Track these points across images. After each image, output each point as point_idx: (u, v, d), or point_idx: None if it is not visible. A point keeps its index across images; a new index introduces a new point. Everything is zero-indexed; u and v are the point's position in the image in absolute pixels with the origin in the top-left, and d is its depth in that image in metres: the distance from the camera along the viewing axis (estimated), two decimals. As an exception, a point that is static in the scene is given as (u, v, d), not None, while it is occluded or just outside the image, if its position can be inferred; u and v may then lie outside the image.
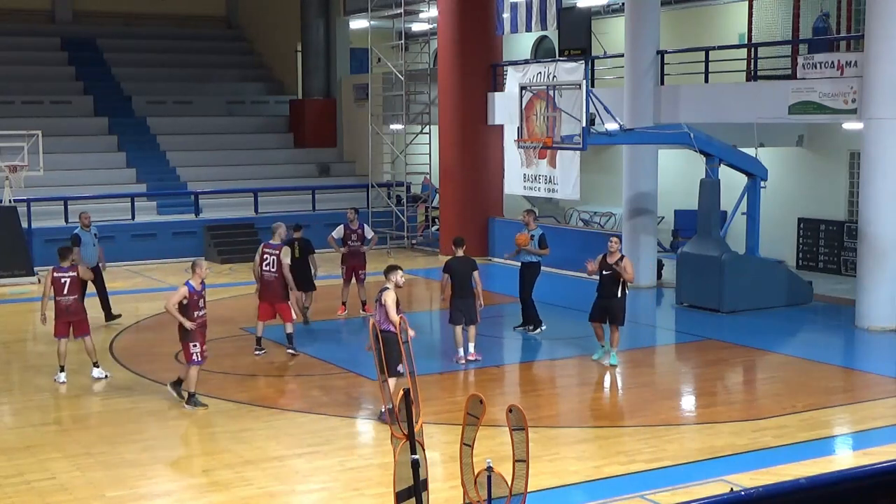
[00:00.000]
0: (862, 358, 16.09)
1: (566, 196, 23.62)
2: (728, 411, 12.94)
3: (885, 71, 16.64)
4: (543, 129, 18.35)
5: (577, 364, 15.33)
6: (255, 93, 33.88)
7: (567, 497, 10.12)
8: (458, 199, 25.42)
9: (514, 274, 17.64)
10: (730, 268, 18.52)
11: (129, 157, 28.66)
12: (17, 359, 16.50)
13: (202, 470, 10.76)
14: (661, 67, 20.99)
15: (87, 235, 18.05)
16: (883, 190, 16.92)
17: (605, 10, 25.98)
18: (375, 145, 29.05)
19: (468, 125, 25.33)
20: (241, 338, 16.96)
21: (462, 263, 15.02)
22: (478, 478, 7.24)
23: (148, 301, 20.53)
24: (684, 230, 22.85)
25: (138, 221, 25.83)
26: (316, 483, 10.48)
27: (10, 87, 29.73)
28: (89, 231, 18.11)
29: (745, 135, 19.39)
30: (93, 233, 18.20)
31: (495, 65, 25.73)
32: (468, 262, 15.09)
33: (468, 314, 14.89)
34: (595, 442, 11.74)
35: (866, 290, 17.12)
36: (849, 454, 11.54)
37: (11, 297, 21.06)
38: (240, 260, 24.68)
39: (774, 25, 21.32)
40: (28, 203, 24.16)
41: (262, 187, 27.77)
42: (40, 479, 10.52)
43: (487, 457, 7.40)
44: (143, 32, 34.58)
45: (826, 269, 21.97)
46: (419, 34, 31.12)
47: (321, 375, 14.79)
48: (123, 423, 12.39)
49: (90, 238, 18.08)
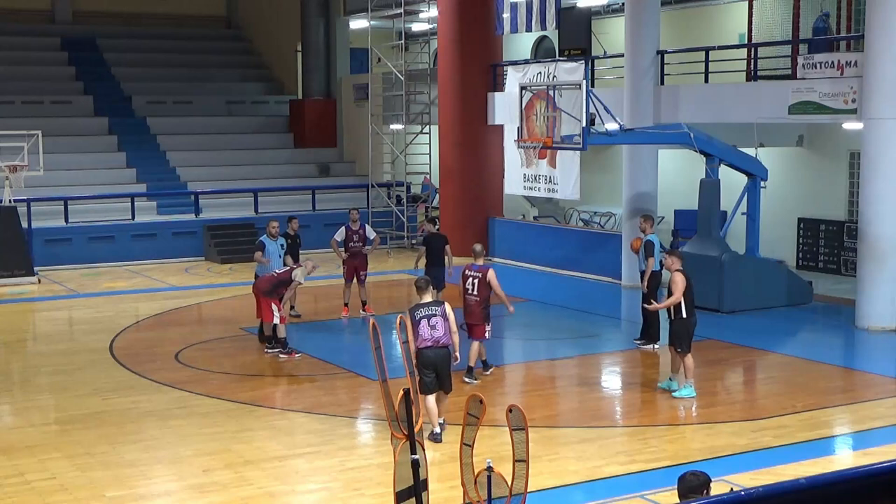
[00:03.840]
0: (862, 358, 16.09)
1: (566, 196, 23.61)
2: (728, 411, 12.94)
3: (885, 71, 16.64)
4: (543, 129, 18.35)
5: (577, 364, 15.33)
6: (255, 93, 33.87)
7: (567, 497, 10.12)
8: (458, 199, 25.42)
9: (514, 274, 17.64)
10: (730, 268, 18.52)
11: (129, 157, 28.66)
12: (17, 359, 16.51)
13: (202, 470, 10.75)
14: (661, 67, 20.99)
15: (273, 244, 16.86)
16: (883, 190, 16.92)
17: (605, 10, 25.98)
18: (375, 145, 29.05)
19: (468, 125, 25.33)
20: (242, 338, 16.96)
21: (436, 238, 17.87)
22: (478, 478, 7.24)
23: (148, 301, 20.54)
24: (684, 230, 22.84)
25: (138, 221, 25.83)
26: (316, 483, 10.48)
27: (10, 87, 29.73)
28: (276, 241, 16.96)
29: (745, 135, 19.38)
30: (279, 243, 17.03)
31: (495, 65, 25.73)
32: (441, 237, 18.02)
33: (437, 281, 16.38)
34: (595, 442, 11.73)
35: (866, 290, 17.12)
36: (849, 454, 11.54)
37: (11, 297, 21.06)
38: (240, 260, 24.69)
39: (774, 25, 21.33)
40: (28, 203, 24.16)
41: (262, 187, 27.77)
42: (40, 479, 10.52)
43: (487, 457, 7.40)
44: (143, 32, 34.57)
45: (826, 269, 21.96)
46: (419, 34, 31.12)
47: (321, 375, 14.79)
48: (123, 423, 12.39)
49: (276, 247, 16.90)
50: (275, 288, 15.41)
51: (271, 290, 15.39)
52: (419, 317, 11.45)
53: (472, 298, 14.12)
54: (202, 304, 20.25)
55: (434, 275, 16.25)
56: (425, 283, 11.96)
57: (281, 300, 15.39)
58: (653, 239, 16.00)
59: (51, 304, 20.66)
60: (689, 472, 6.48)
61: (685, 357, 13.24)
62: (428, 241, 17.96)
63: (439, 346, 11.42)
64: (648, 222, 16.37)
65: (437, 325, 11.42)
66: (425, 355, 11.32)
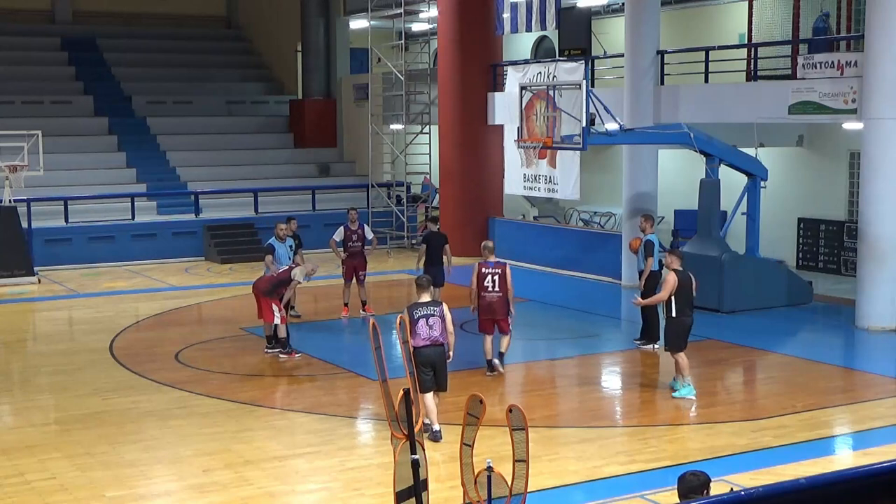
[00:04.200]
0: (862, 358, 16.09)
1: (566, 196, 23.61)
2: (728, 411, 12.94)
3: (885, 71, 16.64)
4: (543, 129, 18.34)
5: (577, 364, 15.33)
6: (255, 93, 33.88)
7: (567, 497, 10.12)
8: (458, 199, 25.42)
9: (514, 274, 17.60)
10: (730, 268, 18.52)
11: (129, 157, 28.66)
12: (17, 359, 16.51)
13: (202, 470, 10.75)
14: (661, 67, 20.99)
15: (282, 247, 16.89)
16: (883, 190, 16.92)
17: (605, 10, 25.98)
18: (375, 145, 29.05)
19: (468, 125, 25.33)
20: (242, 338, 16.96)
21: (436, 237, 18.08)
22: (478, 478, 7.24)
23: (148, 301, 20.55)
24: (684, 230, 22.84)
25: (138, 221, 25.83)
26: (316, 483, 10.48)
27: (10, 87, 29.73)
28: (284, 243, 16.97)
29: (745, 135, 19.38)
30: (287, 245, 17.03)
31: (495, 65, 25.73)
32: (441, 236, 18.24)
33: (436, 279, 16.64)
34: (595, 442, 11.73)
35: (866, 290, 17.12)
36: (849, 454, 11.54)
37: (11, 297, 21.06)
38: (240, 260, 24.71)
39: (774, 25, 21.32)
40: (28, 203, 24.17)
41: (262, 187, 27.77)
42: (40, 479, 10.52)
43: (487, 457, 7.40)
44: (143, 32, 34.57)
45: (826, 269, 21.96)
46: (419, 34, 31.12)
47: (322, 375, 14.79)
48: (123, 423, 12.39)
49: (285, 250, 16.91)
50: (275, 288, 15.41)
51: (271, 291, 15.38)
52: (418, 316, 11.59)
53: (493, 295, 14.26)
54: (202, 304, 20.25)
55: (433, 273, 16.53)
56: (427, 282, 12.10)
57: (281, 300, 15.40)
58: (652, 238, 16.01)
59: (51, 304, 20.66)
60: (689, 472, 6.48)
61: (677, 356, 13.26)
62: (428, 240, 18.15)
63: (437, 344, 11.55)
64: (649, 222, 16.39)
65: (435, 325, 11.56)
66: (423, 353, 11.43)
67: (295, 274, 15.45)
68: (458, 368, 14.91)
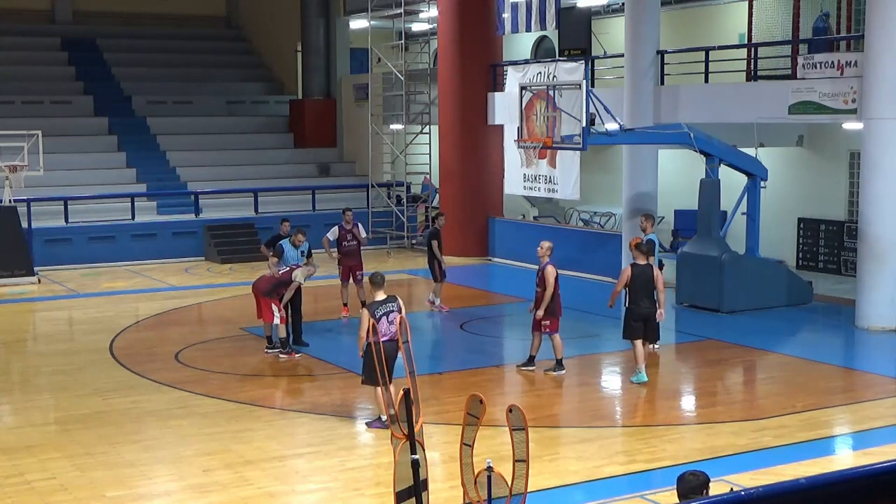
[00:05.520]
0: (862, 358, 16.09)
1: (566, 196, 23.61)
2: (728, 411, 12.94)
3: (885, 71, 16.64)
4: (543, 129, 18.35)
5: (577, 364, 15.33)
6: (255, 93, 33.88)
7: (567, 497, 10.12)
8: (458, 199, 25.41)
9: (515, 274, 17.63)
10: (730, 268, 18.52)
11: (129, 157, 28.66)
12: (17, 359, 16.51)
13: (202, 470, 10.75)
14: (661, 67, 20.99)
15: (294, 252, 16.51)
16: (883, 190, 16.92)
17: (605, 10, 25.97)
18: (375, 145, 29.05)
19: (468, 125, 25.33)
20: (242, 338, 16.96)
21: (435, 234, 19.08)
22: (478, 478, 7.24)
23: (148, 301, 20.55)
24: (684, 230, 22.85)
25: (138, 221, 25.83)
26: (316, 483, 10.48)
27: (10, 87, 29.72)
28: (297, 249, 16.57)
29: (745, 135, 19.38)
30: (300, 250, 16.61)
31: (495, 65, 25.73)
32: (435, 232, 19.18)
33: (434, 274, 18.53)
34: (595, 442, 11.73)
35: (866, 290, 17.12)
36: (849, 454, 11.54)
37: (11, 297, 21.07)
38: (240, 260, 24.70)
39: (774, 25, 21.32)
40: (28, 203, 24.17)
41: (262, 187, 27.77)
42: (40, 479, 10.52)
43: (487, 457, 7.40)
44: (143, 32, 34.57)
45: (826, 269, 21.96)
46: (419, 34, 31.11)
47: (321, 375, 14.80)
48: (123, 423, 12.39)
49: (296, 255, 16.52)
50: (275, 288, 15.42)
51: (271, 291, 15.39)
52: (380, 314, 11.90)
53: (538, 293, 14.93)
54: (202, 304, 20.25)
55: (432, 267, 18.43)
56: (381, 280, 12.34)
57: (281, 300, 15.40)
58: (653, 238, 16.00)
59: (51, 304, 20.66)
60: (689, 472, 6.48)
61: (634, 343, 13.95)
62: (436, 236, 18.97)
63: (395, 339, 11.68)
64: (649, 221, 16.40)
65: (395, 321, 11.81)
66: (388, 348, 11.46)
67: (296, 275, 15.45)
68: (459, 368, 14.93)
